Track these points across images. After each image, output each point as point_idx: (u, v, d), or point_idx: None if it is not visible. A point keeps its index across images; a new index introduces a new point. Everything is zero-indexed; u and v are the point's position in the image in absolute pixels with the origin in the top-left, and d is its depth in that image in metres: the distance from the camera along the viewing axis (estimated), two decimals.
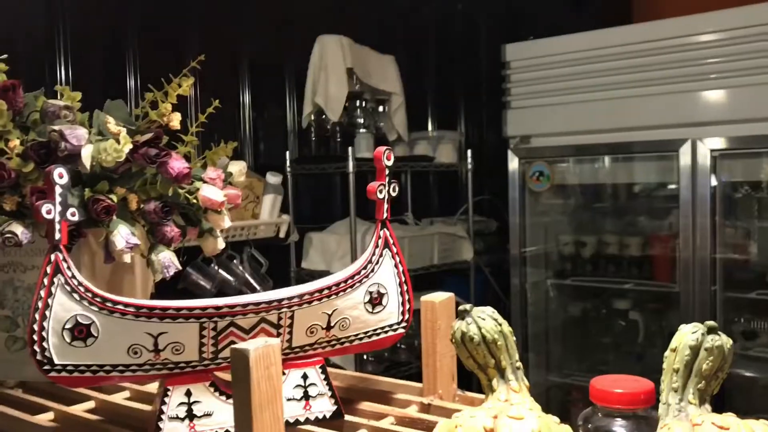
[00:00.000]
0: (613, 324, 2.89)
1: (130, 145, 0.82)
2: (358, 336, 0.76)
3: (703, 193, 2.38)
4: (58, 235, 0.62)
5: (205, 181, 0.89)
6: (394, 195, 0.75)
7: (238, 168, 0.96)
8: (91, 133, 0.83)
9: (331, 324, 0.73)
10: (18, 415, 0.77)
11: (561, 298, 2.98)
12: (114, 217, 0.81)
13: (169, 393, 0.67)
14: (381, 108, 2.75)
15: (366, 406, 0.78)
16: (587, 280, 2.85)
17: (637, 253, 2.76)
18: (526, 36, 2.80)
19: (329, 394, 0.73)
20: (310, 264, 2.58)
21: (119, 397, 0.81)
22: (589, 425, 0.63)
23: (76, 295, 0.63)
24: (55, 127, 0.79)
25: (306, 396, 0.72)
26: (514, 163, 2.79)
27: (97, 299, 0.64)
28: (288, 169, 2.55)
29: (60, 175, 0.61)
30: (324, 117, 2.57)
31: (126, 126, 0.86)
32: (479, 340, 0.60)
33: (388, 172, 0.74)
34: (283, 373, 0.70)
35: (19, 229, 0.77)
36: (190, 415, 0.67)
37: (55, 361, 0.63)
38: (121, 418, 0.76)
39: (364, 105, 2.66)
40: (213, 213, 0.91)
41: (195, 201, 0.87)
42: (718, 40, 2.35)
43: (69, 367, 0.64)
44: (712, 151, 2.35)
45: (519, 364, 0.61)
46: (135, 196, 0.84)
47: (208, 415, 0.68)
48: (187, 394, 0.68)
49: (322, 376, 0.73)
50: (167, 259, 0.86)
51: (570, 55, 2.64)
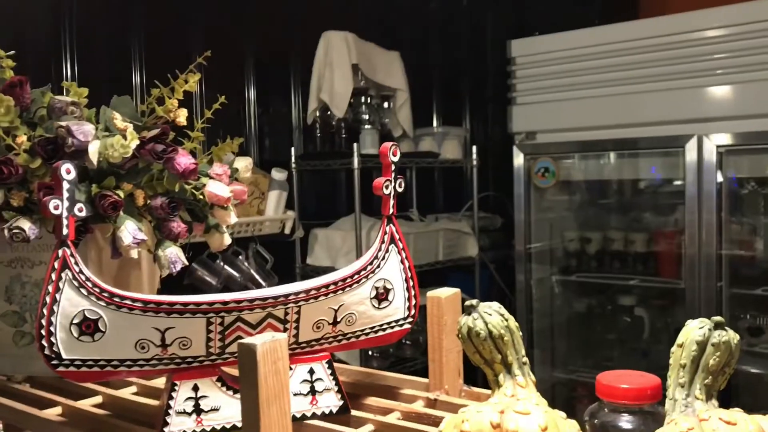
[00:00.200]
0: (619, 320, 2.89)
1: (137, 141, 0.82)
2: (365, 331, 0.76)
3: (709, 189, 2.37)
4: (65, 231, 0.62)
5: (211, 177, 0.89)
6: (400, 191, 0.75)
7: (244, 164, 0.96)
8: (98, 129, 0.83)
9: (338, 319, 0.73)
10: (26, 409, 0.77)
11: (566, 294, 2.98)
12: (121, 212, 0.81)
13: (176, 388, 0.67)
14: (386, 104, 2.75)
15: (372, 401, 0.78)
16: (592, 277, 2.84)
17: (642, 250, 2.75)
18: (532, 31, 2.79)
19: (336, 389, 0.73)
20: (315, 260, 2.58)
21: (127, 392, 0.81)
22: (596, 420, 0.63)
23: (83, 290, 0.63)
24: (62, 123, 0.79)
25: (313, 391, 0.73)
26: (519, 159, 2.79)
27: (105, 294, 0.64)
28: (293, 165, 2.55)
29: (67, 170, 0.62)
30: (329, 113, 2.58)
31: (133, 122, 0.86)
32: (486, 336, 0.60)
33: (394, 168, 0.74)
34: (290, 368, 0.71)
35: (26, 225, 0.77)
36: (198, 410, 0.68)
37: (63, 355, 0.64)
38: (128, 412, 0.76)
39: (369, 101, 2.66)
40: (219, 209, 0.91)
41: (201, 197, 0.87)
42: (724, 36, 2.34)
43: (77, 362, 0.64)
44: (719, 147, 2.35)
45: (525, 359, 0.61)
46: (142, 191, 0.85)
47: (216, 409, 0.68)
48: (195, 388, 0.68)
49: (329, 371, 0.74)
50: (174, 254, 0.86)
51: (576, 50, 2.63)
